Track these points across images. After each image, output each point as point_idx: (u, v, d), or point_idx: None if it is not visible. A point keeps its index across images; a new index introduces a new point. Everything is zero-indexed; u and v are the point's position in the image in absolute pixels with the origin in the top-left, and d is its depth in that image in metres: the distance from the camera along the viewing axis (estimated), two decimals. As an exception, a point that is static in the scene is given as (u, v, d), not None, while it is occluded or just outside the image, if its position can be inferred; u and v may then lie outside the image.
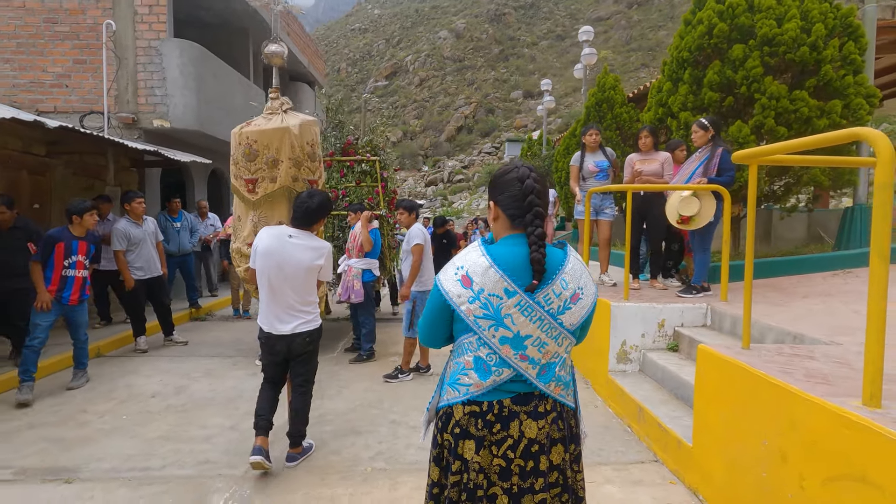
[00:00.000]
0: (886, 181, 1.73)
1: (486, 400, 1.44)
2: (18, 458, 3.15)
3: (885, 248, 1.72)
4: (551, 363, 1.45)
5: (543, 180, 1.51)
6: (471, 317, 1.41)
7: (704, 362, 2.66)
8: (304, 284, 2.87)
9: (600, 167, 5.14)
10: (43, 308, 4.06)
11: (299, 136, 2.86)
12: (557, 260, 1.44)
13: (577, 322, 1.45)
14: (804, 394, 1.94)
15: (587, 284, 1.47)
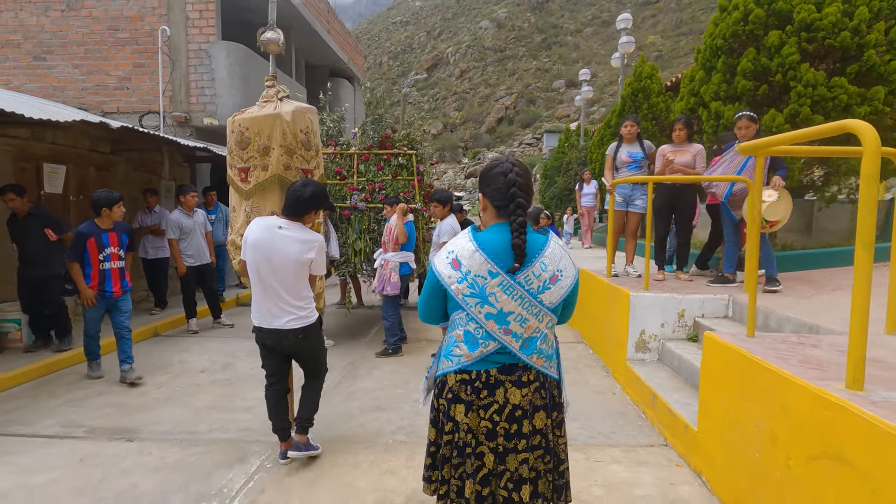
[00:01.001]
0: (873, 172, 1.78)
1: (474, 369, 1.63)
2: (89, 419, 3.61)
3: (869, 239, 1.78)
4: (533, 337, 1.62)
5: (526, 175, 1.67)
6: (459, 295, 1.60)
7: (709, 349, 2.74)
8: (294, 278, 2.71)
9: (633, 158, 5.13)
10: (88, 305, 4.17)
11: (292, 123, 2.81)
12: (538, 245, 1.61)
13: (557, 301, 1.61)
14: (793, 377, 2.02)
15: (567, 267, 1.63)
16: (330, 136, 5.30)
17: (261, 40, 3.06)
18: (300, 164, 2.85)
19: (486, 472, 1.64)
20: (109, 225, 4.23)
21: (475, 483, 1.64)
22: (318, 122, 3.03)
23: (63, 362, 4.74)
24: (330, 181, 5.08)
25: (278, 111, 2.74)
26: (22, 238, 4.66)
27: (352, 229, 5.06)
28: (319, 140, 3.05)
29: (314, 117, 2.96)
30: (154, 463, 3.00)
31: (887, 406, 1.68)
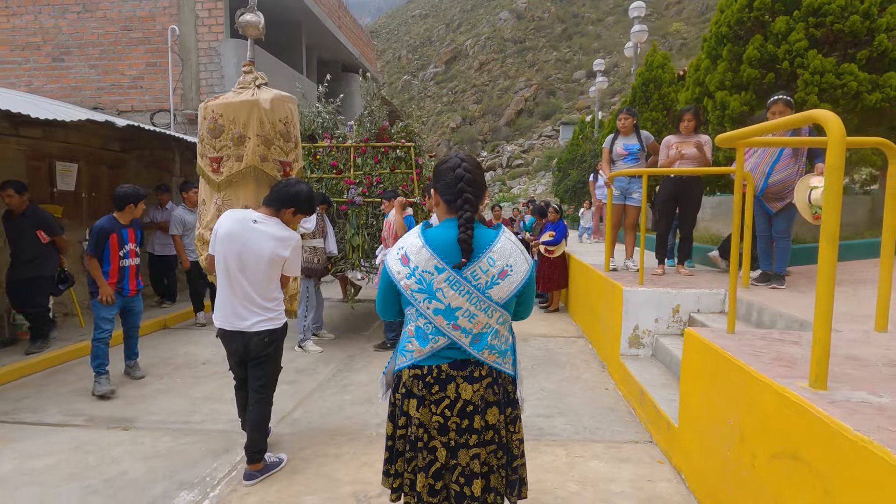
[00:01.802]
0: (837, 164, 1.72)
1: (426, 364, 1.64)
2: (91, 408, 3.75)
3: (833, 233, 1.72)
4: (483, 333, 1.61)
5: (477, 170, 1.65)
6: (408, 291, 1.61)
7: (689, 346, 2.69)
8: (265, 277, 2.55)
9: (629, 150, 5.06)
10: (107, 302, 3.97)
11: (270, 112, 2.68)
12: (486, 240, 1.60)
13: (506, 296, 1.60)
14: (758, 374, 1.97)
15: (517, 263, 1.61)
16: (326, 128, 5.27)
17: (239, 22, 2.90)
18: (278, 155, 2.76)
19: (438, 466, 1.65)
20: (128, 221, 4.11)
21: (427, 477, 1.65)
22: (297, 113, 2.97)
23: (82, 351, 4.90)
24: (326, 175, 5.08)
25: (256, 98, 2.65)
26: (14, 237, 4.62)
27: (349, 224, 5.06)
28: (299, 132, 2.99)
29: (295, 107, 2.88)
30: (145, 451, 3.11)
31: (845, 406, 1.64)
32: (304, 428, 3.46)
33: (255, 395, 2.75)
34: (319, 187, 5.00)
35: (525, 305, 1.74)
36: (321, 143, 5.17)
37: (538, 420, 3.54)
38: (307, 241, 4.60)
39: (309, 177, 5.00)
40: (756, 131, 2.18)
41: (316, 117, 5.16)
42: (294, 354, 5.05)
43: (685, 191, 4.76)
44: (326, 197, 4.83)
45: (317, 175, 5.05)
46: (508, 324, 1.70)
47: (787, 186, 3.92)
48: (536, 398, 3.95)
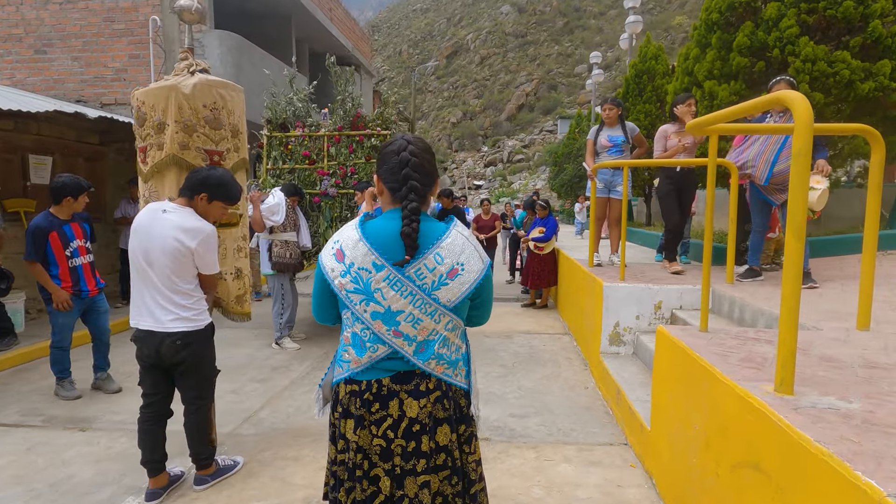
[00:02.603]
0: (804, 148, 1.57)
1: (364, 378, 1.41)
2: (50, 408, 3.64)
3: (800, 225, 1.58)
4: (430, 340, 1.40)
5: (425, 153, 1.44)
6: (343, 291, 1.40)
7: (660, 344, 2.56)
8: (172, 271, 2.30)
9: (613, 142, 4.91)
10: (63, 308, 3.64)
11: (191, 97, 2.50)
12: (434, 234, 1.39)
13: (457, 299, 1.38)
14: (721, 376, 1.83)
15: (470, 260, 1.40)
16: (298, 116, 5.08)
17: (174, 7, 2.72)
18: (202, 143, 2.57)
19: (381, 499, 1.41)
20: (68, 216, 3.69)
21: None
22: (240, 101, 2.79)
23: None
24: (299, 166, 4.90)
25: (174, 82, 2.51)
26: None
27: (322, 217, 4.89)
28: (241, 120, 2.81)
29: (231, 94, 2.69)
30: (98, 453, 2.99)
31: (809, 413, 1.50)
32: (267, 428, 3.34)
33: (189, 407, 2.53)
34: (292, 178, 4.84)
35: (481, 310, 1.53)
36: (293, 132, 4.99)
37: (511, 420, 3.41)
38: (278, 234, 4.44)
39: (281, 167, 4.83)
40: (727, 115, 2.03)
41: (288, 105, 4.97)
42: (271, 352, 4.93)
43: (687, 183, 4.53)
44: (299, 188, 4.65)
45: (289, 166, 4.88)
46: (460, 330, 1.48)
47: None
48: (513, 397, 3.82)
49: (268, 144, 4.88)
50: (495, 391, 3.93)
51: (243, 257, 2.90)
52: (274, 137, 4.88)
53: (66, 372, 3.81)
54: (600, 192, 4.94)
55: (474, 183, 57.54)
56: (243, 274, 2.89)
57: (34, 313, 5.67)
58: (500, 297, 7.65)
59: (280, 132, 4.91)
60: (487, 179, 58.78)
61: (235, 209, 2.81)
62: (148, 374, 2.46)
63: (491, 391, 3.93)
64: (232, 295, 2.82)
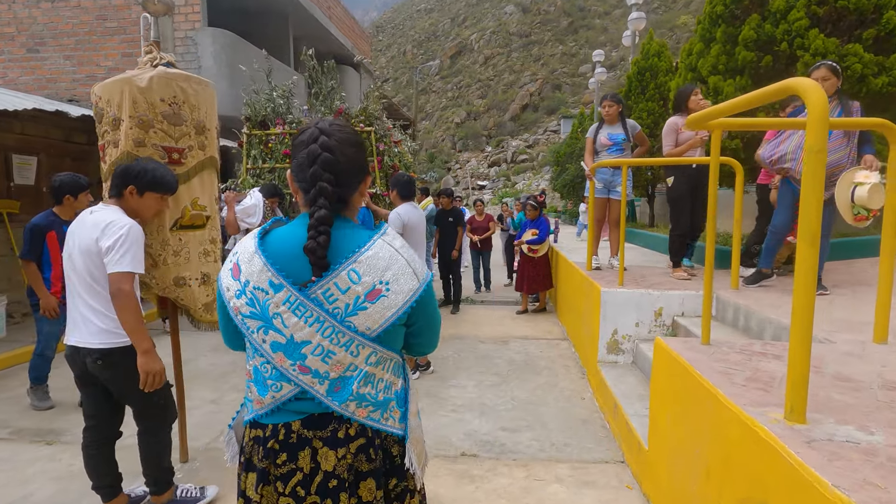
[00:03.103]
0: (818, 145, 1.38)
1: (269, 422, 1.14)
2: (20, 419, 3.48)
3: (814, 230, 1.38)
4: (346, 377, 1.11)
5: (345, 147, 1.13)
6: (238, 315, 1.13)
7: (658, 357, 2.36)
8: (89, 275, 2.06)
9: (614, 140, 4.70)
10: (50, 316, 3.48)
11: (147, 91, 2.33)
12: (351, 245, 1.10)
13: (379, 326, 1.09)
14: (724, 399, 1.64)
15: (398, 278, 1.10)
16: (278, 113, 4.87)
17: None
18: (159, 140, 2.39)
19: None
20: (71, 216, 3.50)
21: None
22: (206, 96, 2.61)
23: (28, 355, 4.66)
24: (279, 165, 4.69)
25: (129, 75, 2.34)
26: None
27: None
28: (208, 116, 2.63)
29: (196, 88, 2.52)
30: (60, 470, 2.83)
31: (825, 448, 1.30)
32: (243, 442, 3.16)
33: (138, 427, 2.29)
34: (273, 178, 4.64)
35: (423, 337, 1.22)
36: (273, 129, 4.77)
37: (502, 435, 3.22)
38: None
39: (261, 167, 4.64)
40: (731, 108, 1.83)
41: (267, 102, 4.77)
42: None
43: (702, 182, 4.12)
44: (278, 189, 4.43)
45: (269, 165, 4.68)
46: (392, 363, 1.19)
47: (839, 170, 3.25)
48: (505, 408, 3.63)
49: (247, 143, 4.67)
50: (487, 402, 3.74)
51: (212, 262, 2.72)
52: (253, 136, 4.68)
53: (43, 379, 3.64)
54: (599, 193, 4.74)
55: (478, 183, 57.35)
56: (212, 280, 2.70)
57: (18, 317, 5.53)
58: (499, 300, 7.46)
59: (260, 130, 4.70)
60: (491, 180, 58.58)
61: (202, 209, 2.64)
62: (86, 394, 2.21)
63: (483, 402, 3.74)
64: (199, 302, 2.64)
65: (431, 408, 3.65)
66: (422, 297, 1.14)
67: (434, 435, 3.21)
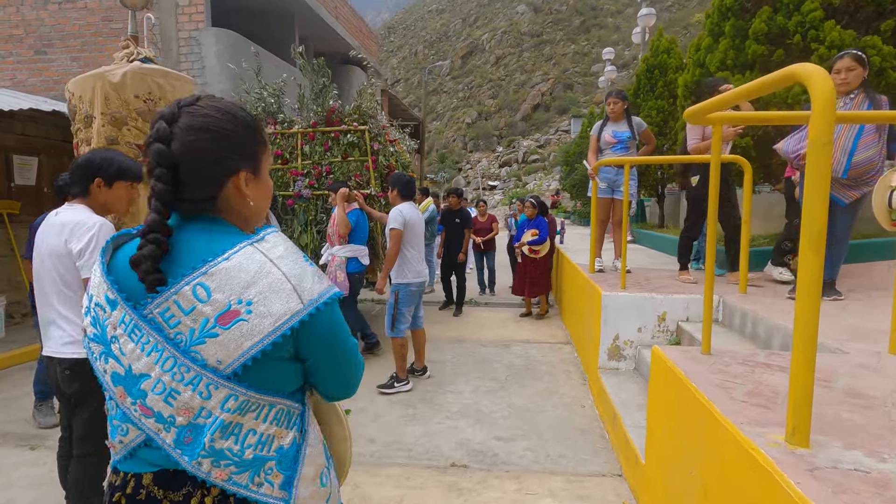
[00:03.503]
0: (823, 137, 1.24)
1: (122, 470, 0.91)
2: (7, 422, 3.44)
3: (819, 233, 1.24)
4: (198, 425, 0.84)
5: (191, 130, 0.87)
6: (85, 338, 0.92)
7: (655, 367, 2.22)
8: (58, 278, 1.92)
9: (618, 138, 4.53)
10: None
11: (121, 87, 2.26)
12: (202, 255, 0.85)
13: (235, 361, 0.83)
14: (721, 418, 1.50)
15: (266, 298, 0.83)
16: (269, 113, 4.72)
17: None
18: (133, 138, 2.32)
19: None
20: None
21: None
22: (186, 92, 2.53)
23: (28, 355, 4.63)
24: (271, 166, 4.57)
25: (101, 71, 2.26)
26: None
27: (296, 221, 4.51)
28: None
29: (174, 83, 2.44)
30: (42, 476, 2.77)
31: (830, 477, 1.16)
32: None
33: (76, 450, 1.99)
34: None
35: (327, 378, 0.95)
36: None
37: (496, 444, 3.09)
38: None
39: None
40: (731, 100, 1.69)
41: (258, 101, 4.65)
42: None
43: (728, 182, 3.80)
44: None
45: None
46: (272, 410, 0.89)
47: (871, 168, 3.06)
48: (501, 416, 3.50)
49: None
50: (483, 409, 3.62)
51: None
52: None
53: (48, 394, 3.42)
54: (603, 193, 4.58)
55: (489, 183, 57.15)
56: None
57: (18, 318, 5.54)
58: (504, 302, 7.31)
59: None
60: (502, 180, 58.35)
61: None
62: (62, 404, 2.07)
63: (479, 409, 3.62)
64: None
65: (425, 414, 3.54)
66: (308, 323, 0.85)
67: (425, 444, 3.10)
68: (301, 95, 4.72)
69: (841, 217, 3.22)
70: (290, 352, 0.88)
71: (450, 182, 54.62)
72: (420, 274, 3.91)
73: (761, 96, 1.82)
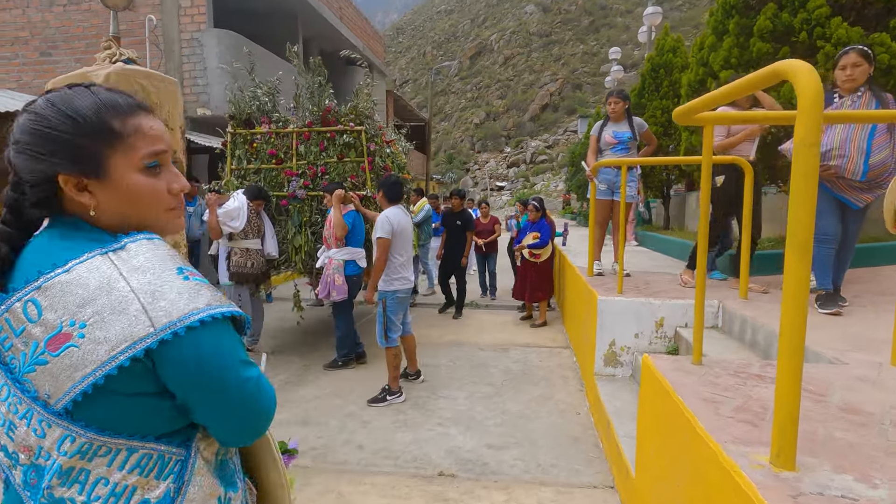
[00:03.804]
0: (811, 138, 1.15)
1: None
2: None
3: (804, 237, 1.16)
4: (39, 466, 0.72)
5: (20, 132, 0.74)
6: None
7: (645, 377, 2.13)
8: None
9: (619, 139, 4.43)
10: None
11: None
12: (39, 264, 0.72)
13: (66, 395, 0.68)
14: (705, 435, 1.42)
15: (104, 320, 0.68)
16: (264, 111, 4.67)
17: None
18: None
19: None
20: None
21: None
22: (170, 94, 2.49)
23: None
24: (265, 166, 4.49)
25: (84, 71, 2.22)
26: None
27: (291, 222, 4.47)
28: (172, 116, 2.50)
29: (158, 85, 2.40)
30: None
31: (814, 502, 1.08)
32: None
33: None
34: (258, 179, 4.47)
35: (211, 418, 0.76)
36: (259, 128, 4.57)
37: (486, 453, 3.02)
38: (238, 241, 4.09)
39: (246, 168, 4.47)
40: (718, 98, 1.61)
41: (252, 100, 4.59)
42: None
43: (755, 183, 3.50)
44: (263, 191, 4.27)
45: (255, 166, 4.49)
46: (132, 455, 0.73)
47: (885, 170, 2.92)
48: (493, 423, 3.43)
49: (231, 142, 4.51)
50: (476, 416, 3.55)
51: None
52: (238, 135, 4.51)
53: None
54: (602, 194, 4.49)
55: (496, 184, 57.02)
56: None
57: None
58: (505, 304, 7.22)
59: (245, 129, 4.52)
60: (510, 180, 58.19)
61: None
62: None
63: (472, 415, 3.55)
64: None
65: (416, 420, 3.48)
66: (163, 351, 0.69)
67: (414, 451, 3.04)
68: (297, 94, 4.66)
69: (853, 221, 3.13)
70: (151, 386, 0.72)
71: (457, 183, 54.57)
72: (407, 280, 3.79)
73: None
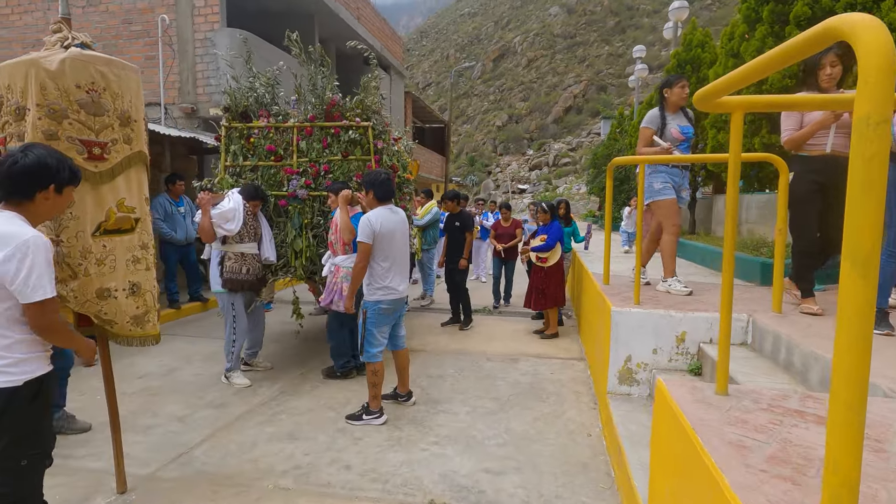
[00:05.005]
0: (879, 114, 0.86)
1: None
2: None
3: (868, 249, 0.86)
4: None
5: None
6: None
7: (659, 408, 1.83)
8: None
9: (686, 134, 3.79)
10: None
11: (59, 75, 2.02)
12: None
13: None
14: (731, 495, 1.12)
15: None
16: (262, 104, 4.38)
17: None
18: (76, 132, 2.08)
19: None
20: None
21: None
22: (131, 82, 2.30)
23: None
24: (263, 163, 4.22)
25: (35, 56, 2.04)
26: None
27: (290, 225, 4.18)
28: (134, 106, 2.31)
29: (119, 73, 2.21)
30: None
31: None
32: (193, 472, 2.83)
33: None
34: (255, 178, 4.23)
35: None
36: (256, 122, 4.29)
37: (483, 478, 2.74)
38: (232, 245, 3.86)
39: (242, 165, 4.25)
40: (746, 76, 1.31)
41: (249, 92, 4.37)
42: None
43: (833, 178, 2.87)
44: (261, 191, 4.01)
45: (251, 163, 4.24)
46: None
47: None
48: (495, 443, 3.14)
49: (226, 137, 4.27)
50: (476, 434, 3.27)
51: (143, 270, 2.40)
52: (233, 129, 4.27)
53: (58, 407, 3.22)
54: (672, 194, 3.80)
55: (518, 187, 56.49)
56: (143, 290, 2.38)
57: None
58: (519, 311, 6.90)
59: (241, 122, 4.29)
60: (532, 183, 57.56)
61: (130, 211, 2.33)
62: None
63: (472, 434, 3.27)
64: (126, 315, 2.33)
65: (411, 438, 3.22)
66: None
67: (405, 474, 2.78)
68: (298, 86, 4.40)
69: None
70: None
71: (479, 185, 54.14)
72: (393, 290, 3.40)
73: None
